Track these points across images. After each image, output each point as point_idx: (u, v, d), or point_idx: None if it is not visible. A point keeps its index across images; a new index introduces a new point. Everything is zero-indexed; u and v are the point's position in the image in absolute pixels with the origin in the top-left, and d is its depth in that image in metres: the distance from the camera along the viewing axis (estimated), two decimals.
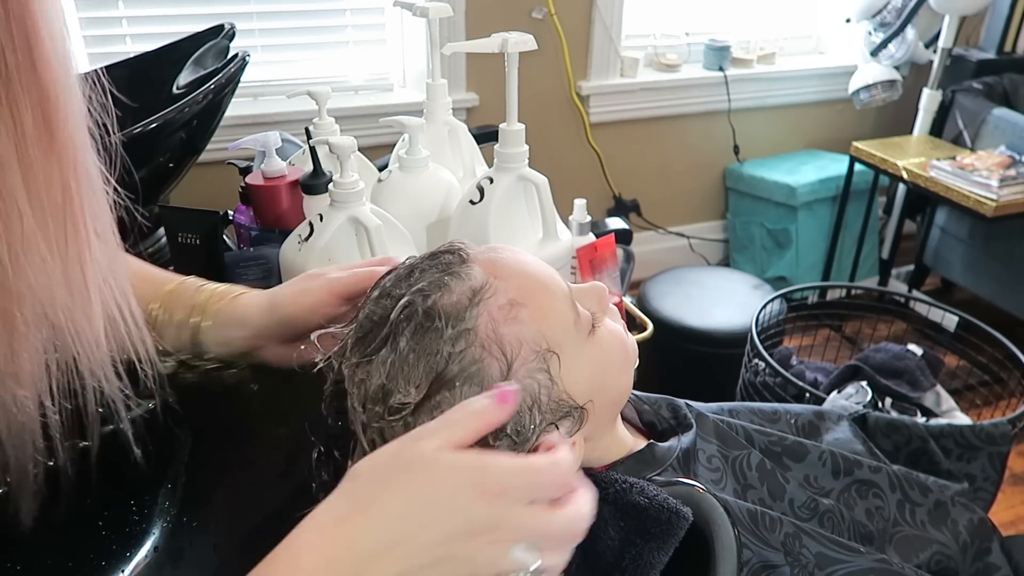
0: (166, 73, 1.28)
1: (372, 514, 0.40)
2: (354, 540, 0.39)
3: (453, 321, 0.50)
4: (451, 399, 0.50)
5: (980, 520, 0.77)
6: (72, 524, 0.59)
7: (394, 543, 0.39)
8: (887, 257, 2.56)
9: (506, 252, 0.56)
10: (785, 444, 0.71)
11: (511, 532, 0.40)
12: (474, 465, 0.41)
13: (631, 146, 2.52)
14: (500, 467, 0.41)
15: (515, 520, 0.40)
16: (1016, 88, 2.39)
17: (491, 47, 0.87)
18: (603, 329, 0.58)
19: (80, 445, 0.60)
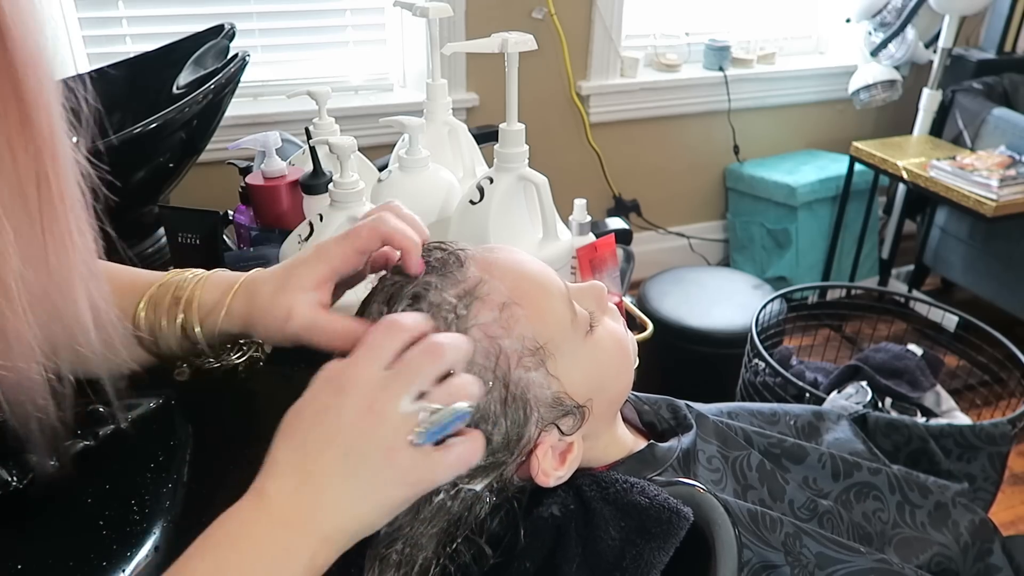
0: (166, 73, 1.28)
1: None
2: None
3: (443, 323, 0.50)
4: None
5: (981, 521, 0.77)
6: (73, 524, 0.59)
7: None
8: (887, 257, 2.56)
9: (502, 252, 0.56)
10: (784, 446, 0.71)
11: (385, 393, 0.45)
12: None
13: (631, 146, 2.52)
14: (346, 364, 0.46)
15: (375, 383, 0.45)
16: (1016, 88, 2.39)
17: (491, 47, 0.87)
18: (601, 328, 0.58)
19: (80, 445, 0.60)
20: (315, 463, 0.44)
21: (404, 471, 0.45)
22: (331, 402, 0.45)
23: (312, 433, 0.45)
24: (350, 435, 0.44)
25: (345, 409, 0.44)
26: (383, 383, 0.45)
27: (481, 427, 0.50)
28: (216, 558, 0.42)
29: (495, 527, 0.53)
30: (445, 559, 0.51)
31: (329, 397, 0.45)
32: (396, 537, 0.50)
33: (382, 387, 0.45)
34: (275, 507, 0.44)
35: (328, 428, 0.44)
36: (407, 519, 0.50)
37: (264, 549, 0.43)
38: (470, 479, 0.51)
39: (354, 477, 0.44)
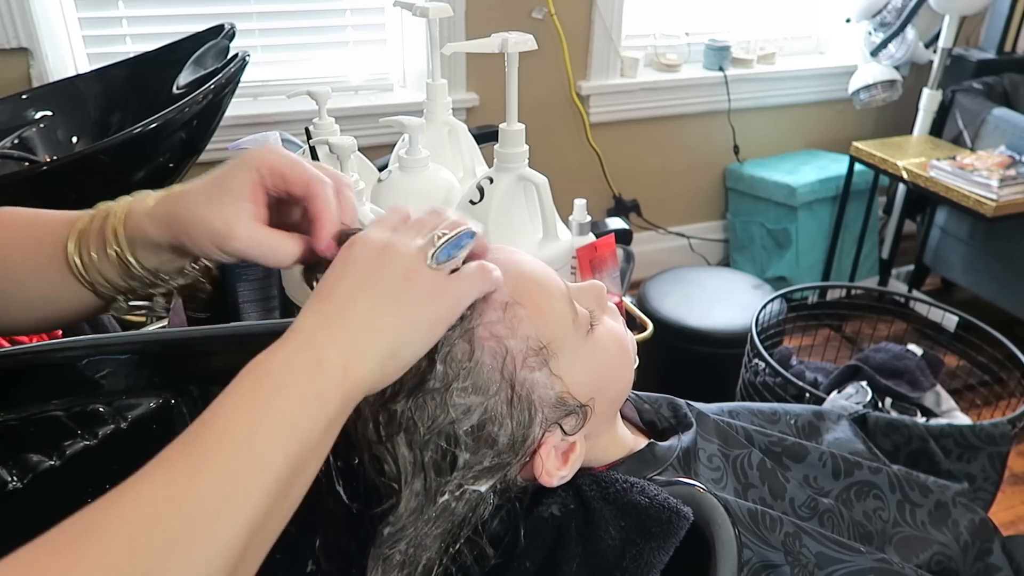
0: (166, 73, 1.28)
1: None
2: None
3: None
4: (449, 399, 0.50)
5: (981, 521, 0.77)
6: None
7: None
8: (887, 257, 2.56)
9: (502, 252, 0.56)
10: (785, 444, 0.71)
11: (397, 236, 0.48)
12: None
13: (631, 146, 2.52)
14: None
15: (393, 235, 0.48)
16: (1016, 88, 2.39)
17: (491, 47, 0.88)
18: (602, 327, 0.58)
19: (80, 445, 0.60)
20: (339, 299, 0.45)
21: (426, 288, 0.47)
22: (346, 260, 0.47)
23: (334, 285, 0.46)
24: (369, 271, 0.46)
25: (360, 258, 0.47)
26: (393, 234, 0.48)
27: (487, 428, 0.50)
28: (252, 382, 0.42)
29: (496, 527, 0.53)
30: (447, 560, 0.51)
31: (343, 259, 0.47)
32: (400, 538, 0.50)
33: (393, 234, 0.48)
34: (304, 332, 0.44)
35: (348, 274, 0.46)
36: (411, 520, 0.50)
37: (297, 366, 0.43)
38: (475, 480, 0.51)
39: (376, 297, 0.45)
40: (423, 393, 0.50)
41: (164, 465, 0.39)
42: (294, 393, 0.42)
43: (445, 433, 0.50)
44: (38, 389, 0.61)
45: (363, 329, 0.45)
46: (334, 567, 0.58)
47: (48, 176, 0.96)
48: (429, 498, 0.50)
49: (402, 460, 0.50)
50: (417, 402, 0.50)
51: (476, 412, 0.50)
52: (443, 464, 0.51)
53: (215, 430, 0.40)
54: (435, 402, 0.50)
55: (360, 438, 0.52)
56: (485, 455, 0.51)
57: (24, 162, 1.14)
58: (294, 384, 0.42)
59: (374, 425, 0.51)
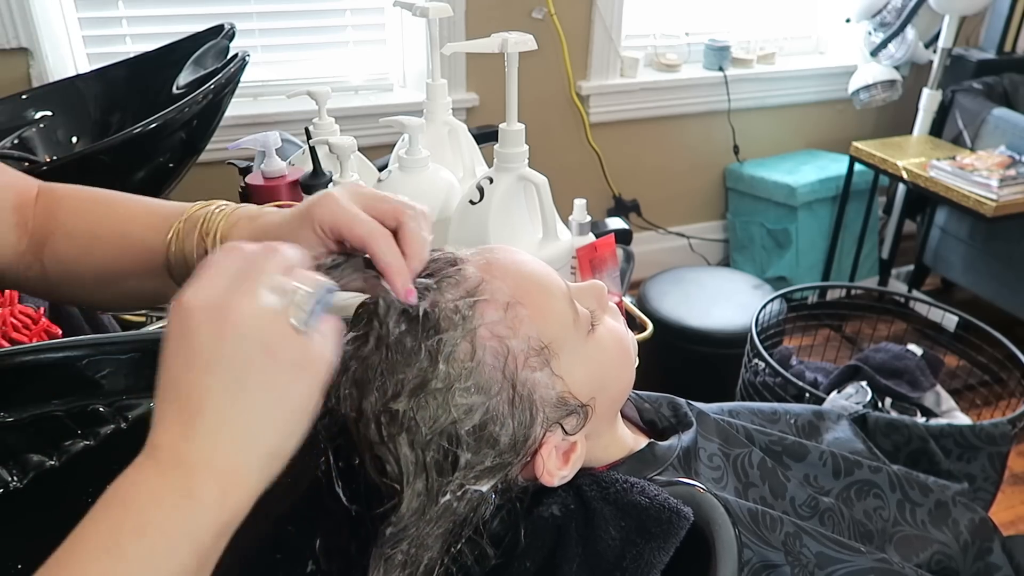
0: (166, 73, 1.28)
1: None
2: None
3: (450, 323, 0.50)
4: (451, 399, 0.50)
5: (981, 520, 0.78)
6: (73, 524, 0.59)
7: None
8: (887, 257, 2.56)
9: (502, 252, 0.56)
10: (785, 444, 0.71)
11: (238, 296, 0.40)
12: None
13: (631, 146, 2.52)
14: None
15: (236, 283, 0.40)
16: (1016, 88, 2.39)
17: (491, 47, 0.88)
18: (603, 327, 0.58)
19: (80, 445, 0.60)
20: (197, 398, 0.38)
21: (292, 360, 0.40)
22: (182, 337, 0.39)
23: (180, 374, 0.39)
24: (218, 354, 0.38)
25: (201, 331, 0.39)
26: (230, 290, 0.40)
27: (489, 428, 0.50)
28: (110, 522, 0.36)
29: (496, 527, 0.53)
30: (448, 559, 0.51)
31: (178, 336, 0.39)
32: (402, 538, 0.50)
33: (231, 292, 0.40)
34: (166, 453, 0.38)
35: (193, 359, 0.39)
36: (413, 520, 0.50)
37: (163, 499, 0.37)
38: (477, 480, 0.51)
39: (240, 392, 0.38)
40: (425, 393, 0.50)
41: None
42: (158, 536, 0.36)
43: (447, 433, 0.50)
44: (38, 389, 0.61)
45: (237, 438, 0.38)
46: (335, 567, 0.58)
47: (48, 176, 0.96)
48: (431, 498, 0.50)
49: (404, 460, 0.50)
50: (419, 402, 0.50)
51: (478, 412, 0.50)
52: (445, 464, 0.51)
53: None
54: (437, 402, 0.50)
55: (361, 439, 0.52)
56: (487, 455, 0.51)
57: (24, 162, 1.14)
58: (158, 524, 0.36)
59: (376, 426, 0.51)
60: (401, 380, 0.49)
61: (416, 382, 0.50)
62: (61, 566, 0.36)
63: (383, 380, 0.50)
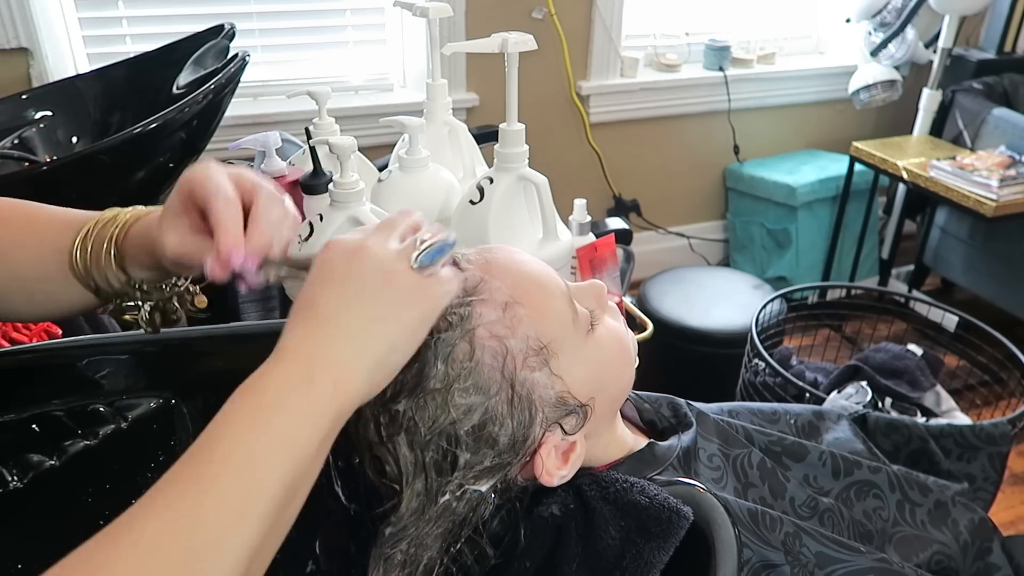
0: (166, 73, 1.28)
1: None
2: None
3: (449, 323, 0.50)
4: (450, 399, 0.50)
5: (981, 520, 0.77)
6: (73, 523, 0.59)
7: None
8: (887, 257, 2.56)
9: (501, 252, 0.56)
10: (785, 444, 0.71)
11: (372, 238, 0.48)
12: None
13: (631, 146, 2.52)
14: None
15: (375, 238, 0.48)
16: (1016, 88, 2.39)
17: (491, 47, 0.88)
18: (602, 327, 0.58)
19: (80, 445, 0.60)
20: (323, 306, 0.45)
21: (407, 290, 0.46)
22: (323, 264, 0.47)
23: (315, 290, 0.46)
24: (348, 274, 0.46)
25: (336, 261, 0.47)
26: (366, 236, 0.48)
27: (488, 428, 0.50)
28: (247, 405, 0.42)
29: (496, 527, 0.53)
30: (448, 560, 0.51)
31: (320, 264, 0.47)
32: (401, 537, 0.50)
33: (366, 236, 0.48)
34: (289, 350, 0.44)
35: (327, 280, 0.46)
36: (412, 520, 0.50)
37: (289, 385, 0.43)
38: (476, 480, 0.51)
39: (358, 303, 0.45)
40: (424, 394, 0.50)
41: (165, 494, 0.39)
42: (288, 415, 0.42)
43: (446, 433, 0.50)
44: (38, 389, 0.61)
45: (350, 340, 0.44)
46: (335, 567, 0.58)
47: (48, 176, 0.97)
48: (430, 498, 0.50)
49: (403, 461, 0.50)
50: (418, 403, 0.50)
51: (477, 412, 0.50)
52: (444, 464, 0.51)
53: (213, 457, 0.40)
54: (436, 402, 0.50)
55: (361, 439, 0.52)
56: (486, 455, 0.51)
57: (24, 162, 1.14)
58: (288, 405, 0.42)
59: (375, 426, 0.51)
60: (400, 380, 0.49)
61: (415, 382, 0.50)
62: (210, 442, 0.41)
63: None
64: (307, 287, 0.47)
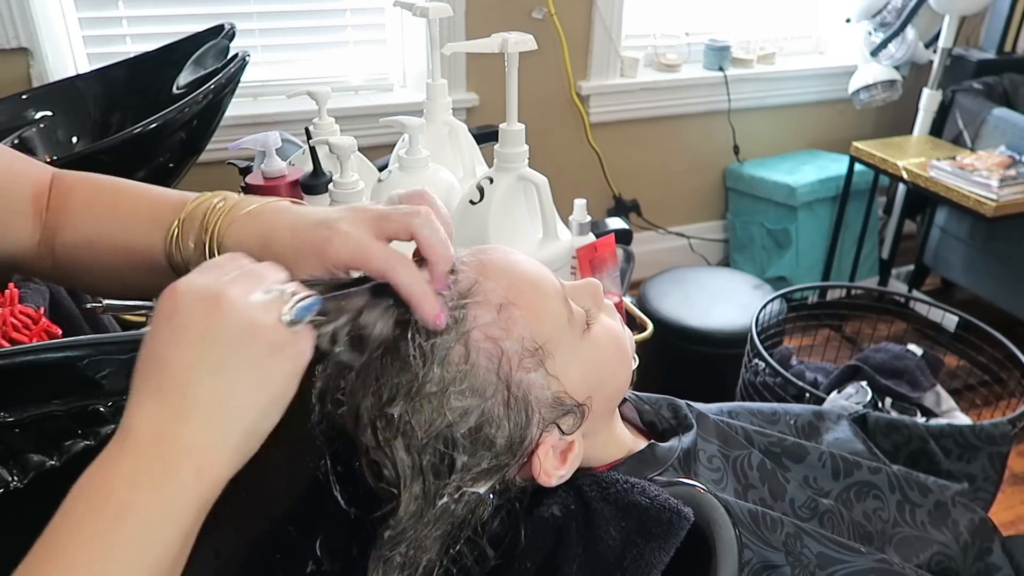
0: (166, 73, 1.28)
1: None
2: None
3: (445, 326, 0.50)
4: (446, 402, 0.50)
5: (981, 520, 0.77)
6: None
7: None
8: (887, 257, 2.56)
9: (495, 253, 0.56)
10: (785, 445, 0.71)
11: (232, 288, 0.41)
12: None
13: (631, 146, 2.52)
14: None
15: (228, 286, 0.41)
16: (1016, 88, 2.39)
17: (491, 47, 0.88)
18: (598, 326, 0.58)
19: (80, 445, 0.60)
20: (178, 374, 0.39)
21: (278, 346, 0.41)
22: (172, 318, 0.40)
23: (164, 350, 0.40)
24: (204, 332, 0.39)
25: (191, 315, 0.40)
26: (221, 285, 0.41)
27: (485, 431, 0.50)
28: (90, 510, 0.36)
29: (496, 528, 0.53)
30: (448, 561, 0.51)
31: (167, 317, 0.40)
32: (400, 540, 0.50)
33: (222, 285, 0.41)
34: (140, 433, 0.38)
35: (180, 339, 0.39)
36: (411, 522, 0.50)
37: (140, 480, 0.37)
38: (474, 482, 0.51)
39: (221, 369, 0.39)
40: (420, 397, 0.50)
41: None
42: (141, 516, 0.36)
43: (442, 436, 0.50)
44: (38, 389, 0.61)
45: (213, 415, 0.39)
46: (337, 569, 0.58)
47: None
48: (428, 501, 0.50)
49: (400, 464, 0.50)
50: (414, 406, 0.50)
51: (473, 415, 0.50)
52: (441, 467, 0.50)
53: (55, 570, 0.35)
54: (432, 406, 0.50)
55: (359, 443, 0.52)
56: (483, 457, 0.51)
57: None
58: (140, 504, 0.36)
59: (372, 430, 0.51)
60: (396, 384, 0.49)
61: (411, 386, 0.50)
62: (45, 560, 0.36)
63: (378, 385, 0.50)
64: (154, 343, 0.40)
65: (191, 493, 0.38)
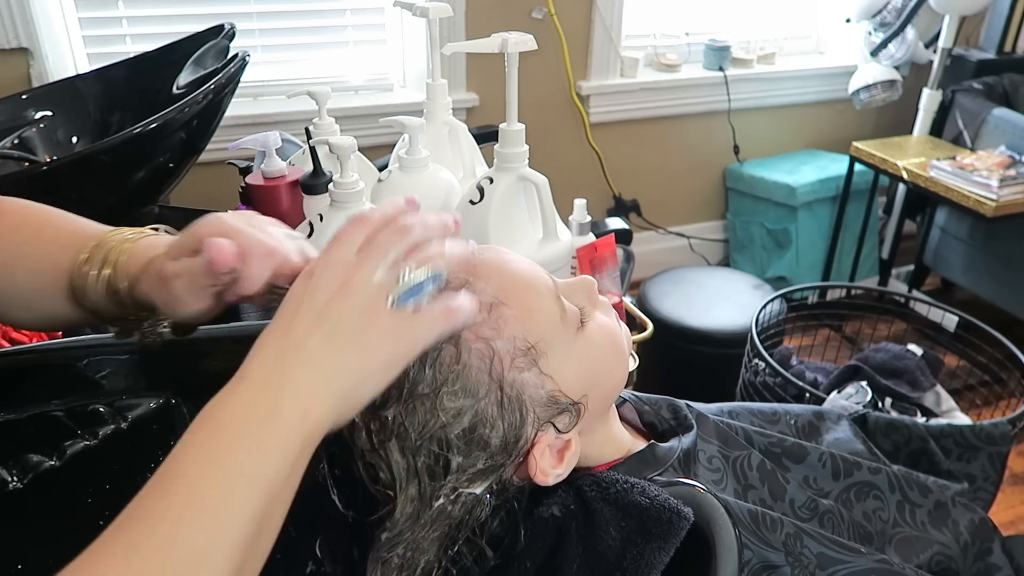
0: (166, 73, 1.28)
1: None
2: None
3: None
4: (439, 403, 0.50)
5: (981, 520, 0.77)
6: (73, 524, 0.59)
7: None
8: (887, 257, 2.56)
9: (487, 252, 0.56)
10: (785, 445, 0.71)
11: (358, 268, 0.46)
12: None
13: (631, 146, 2.52)
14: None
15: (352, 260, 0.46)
16: (1016, 88, 2.39)
17: (491, 47, 0.88)
18: (593, 323, 0.57)
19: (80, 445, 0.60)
20: (297, 335, 0.44)
21: (385, 328, 0.45)
22: (305, 290, 0.45)
23: (291, 317, 0.45)
24: (326, 306, 0.44)
25: (319, 289, 0.45)
26: (354, 262, 0.46)
27: (479, 431, 0.50)
28: (209, 438, 0.41)
29: (496, 528, 0.53)
30: (447, 562, 0.51)
31: (302, 286, 0.46)
32: (397, 542, 0.50)
33: (354, 265, 0.46)
34: (255, 378, 0.43)
35: (306, 308, 0.45)
36: (408, 524, 0.50)
37: (254, 414, 0.41)
38: (470, 483, 0.51)
39: (333, 335, 0.44)
40: (412, 399, 0.50)
41: (129, 532, 0.38)
42: (254, 444, 0.41)
43: (437, 438, 0.50)
44: (38, 389, 0.61)
45: (319, 370, 0.43)
46: (338, 571, 0.58)
47: (48, 176, 0.96)
48: (424, 503, 0.50)
49: (396, 466, 0.50)
50: (407, 408, 0.50)
51: (466, 415, 0.50)
52: (436, 468, 0.50)
53: (177, 491, 0.39)
54: (425, 407, 0.50)
55: (353, 447, 0.52)
56: (478, 457, 0.51)
57: (24, 162, 1.14)
58: (253, 435, 0.41)
59: (366, 433, 0.51)
60: (388, 387, 0.49)
61: (403, 388, 0.49)
62: (174, 476, 0.40)
63: None
64: (285, 307, 0.46)
65: (296, 429, 0.42)
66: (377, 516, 0.52)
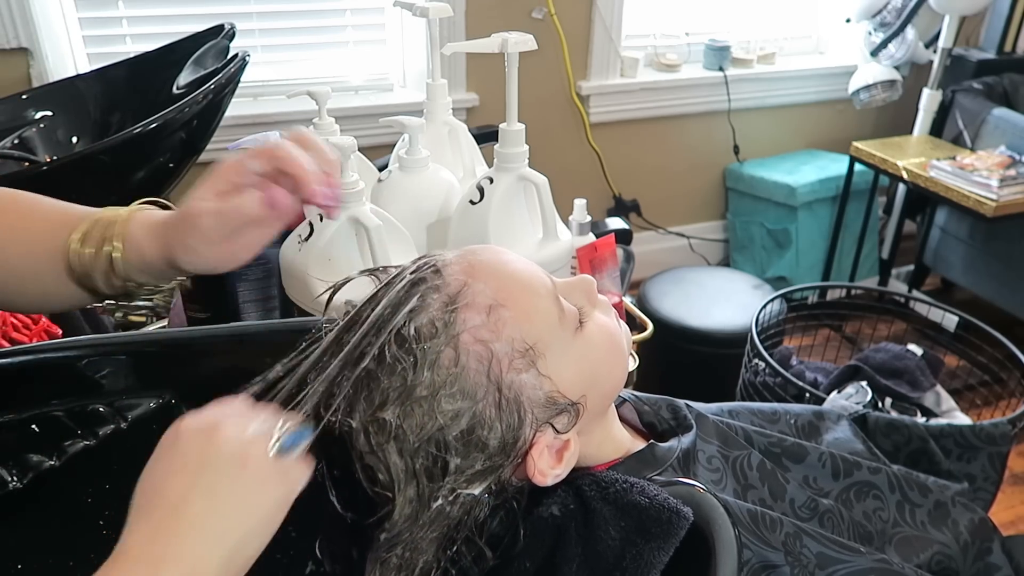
0: (166, 73, 1.28)
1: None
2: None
3: (433, 330, 0.50)
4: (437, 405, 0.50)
5: (981, 520, 0.77)
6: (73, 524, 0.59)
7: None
8: (887, 257, 2.56)
9: (485, 253, 0.55)
10: (784, 445, 0.71)
11: (226, 423, 0.46)
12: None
13: (631, 146, 2.52)
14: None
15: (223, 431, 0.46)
16: (1016, 88, 2.39)
17: (491, 47, 0.88)
18: (591, 323, 0.57)
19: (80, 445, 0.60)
20: (171, 498, 0.43)
21: (263, 475, 0.45)
22: (172, 448, 0.45)
23: (162, 479, 0.44)
24: (200, 462, 0.43)
25: (189, 447, 0.44)
26: (223, 418, 0.46)
27: (477, 433, 0.50)
28: None
29: (495, 528, 0.53)
30: (446, 562, 0.51)
31: (169, 448, 0.45)
32: (396, 543, 0.50)
33: (223, 419, 0.46)
34: (133, 551, 0.42)
35: (177, 468, 0.44)
36: (406, 524, 0.50)
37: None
38: (468, 484, 0.51)
39: (210, 493, 0.43)
40: (411, 401, 0.50)
41: None
42: None
43: (435, 440, 0.50)
44: (38, 389, 0.61)
45: (201, 533, 0.42)
46: (338, 571, 0.58)
47: (48, 176, 0.97)
48: (423, 504, 0.50)
49: (394, 468, 0.50)
50: (405, 410, 0.50)
51: (465, 417, 0.50)
52: (435, 470, 0.50)
53: None
54: (423, 409, 0.50)
55: (352, 449, 0.52)
56: (476, 459, 0.51)
57: (24, 162, 1.14)
58: None
59: (364, 435, 0.51)
60: (386, 389, 0.49)
61: (401, 391, 0.50)
62: None
63: (369, 390, 0.50)
64: (152, 473, 0.45)
65: None
66: (375, 518, 0.52)
